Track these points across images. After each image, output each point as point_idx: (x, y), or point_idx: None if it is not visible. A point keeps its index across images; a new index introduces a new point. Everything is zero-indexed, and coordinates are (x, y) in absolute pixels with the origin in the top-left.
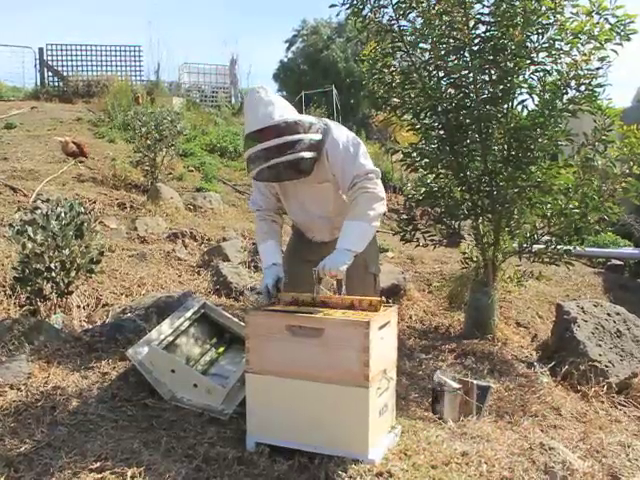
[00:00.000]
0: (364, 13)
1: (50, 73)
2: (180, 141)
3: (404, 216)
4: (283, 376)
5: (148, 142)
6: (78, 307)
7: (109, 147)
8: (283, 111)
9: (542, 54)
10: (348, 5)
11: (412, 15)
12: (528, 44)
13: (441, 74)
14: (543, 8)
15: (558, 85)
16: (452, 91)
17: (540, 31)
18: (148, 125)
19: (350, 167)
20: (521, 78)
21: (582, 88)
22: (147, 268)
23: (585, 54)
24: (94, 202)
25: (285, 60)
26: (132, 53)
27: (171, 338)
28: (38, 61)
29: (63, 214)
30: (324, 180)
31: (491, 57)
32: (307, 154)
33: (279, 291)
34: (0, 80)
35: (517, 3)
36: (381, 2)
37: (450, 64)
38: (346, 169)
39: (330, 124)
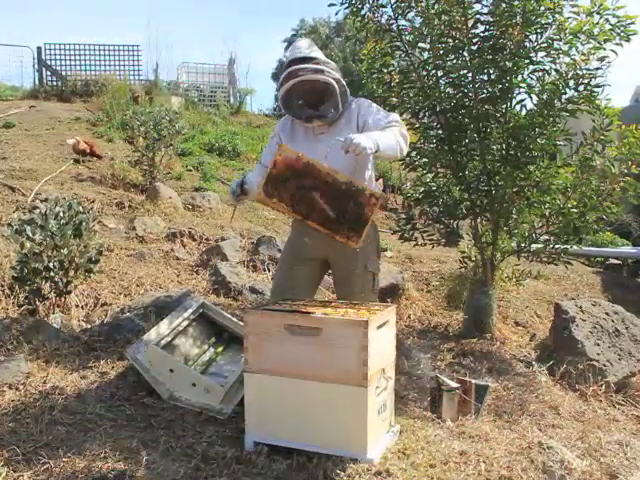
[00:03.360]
0: (363, 12)
1: (48, 72)
2: (179, 140)
3: (403, 215)
4: (282, 375)
5: (147, 141)
6: (77, 307)
7: (107, 146)
8: (322, 57)
9: (541, 54)
10: (347, 4)
11: (411, 14)
12: (527, 44)
13: (440, 74)
14: (542, 8)
15: (557, 85)
16: (451, 91)
17: (539, 31)
18: (147, 125)
19: (383, 118)
20: (520, 78)
21: (581, 88)
22: (146, 268)
23: (584, 54)
24: (93, 202)
25: (284, 59)
26: (130, 52)
27: (170, 337)
28: (36, 60)
29: (62, 213)
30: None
31: (490, 57)
32: (337, 86)
33: (244, 193)
34: None
35: (516, 3)
36: (380, 1)
37: (449, 64)
38: (378, 117)
39: None
